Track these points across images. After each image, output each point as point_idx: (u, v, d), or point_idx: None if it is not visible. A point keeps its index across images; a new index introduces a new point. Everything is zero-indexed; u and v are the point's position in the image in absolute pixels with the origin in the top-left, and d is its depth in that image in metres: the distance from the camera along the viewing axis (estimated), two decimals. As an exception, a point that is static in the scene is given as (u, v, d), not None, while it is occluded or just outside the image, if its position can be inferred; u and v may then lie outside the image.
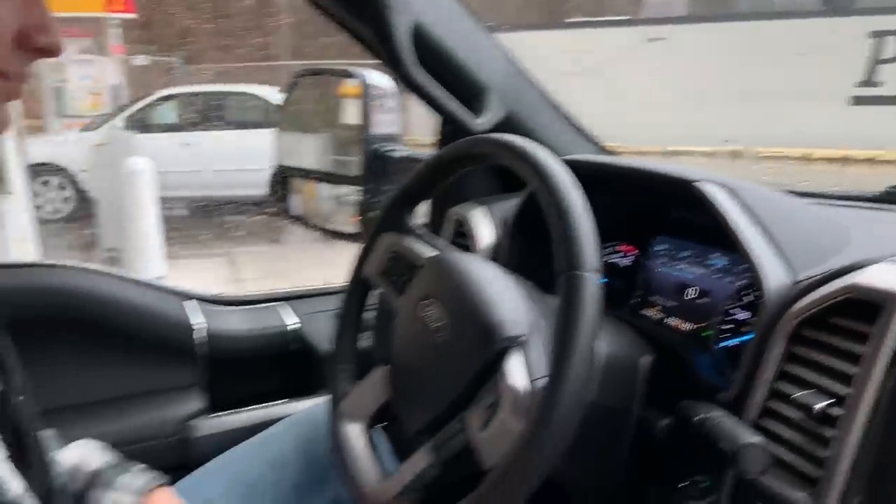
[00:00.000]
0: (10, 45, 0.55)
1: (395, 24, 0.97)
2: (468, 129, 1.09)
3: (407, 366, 0.86)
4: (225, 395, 1.31)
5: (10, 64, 0.56)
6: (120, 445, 1.19)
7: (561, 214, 0.70)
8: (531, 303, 0.80)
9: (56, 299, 1.16)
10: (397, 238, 0.93)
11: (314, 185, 1.55)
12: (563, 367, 0.65)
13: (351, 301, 0.97)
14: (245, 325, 1.35)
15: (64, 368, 1.17)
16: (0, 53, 0.54)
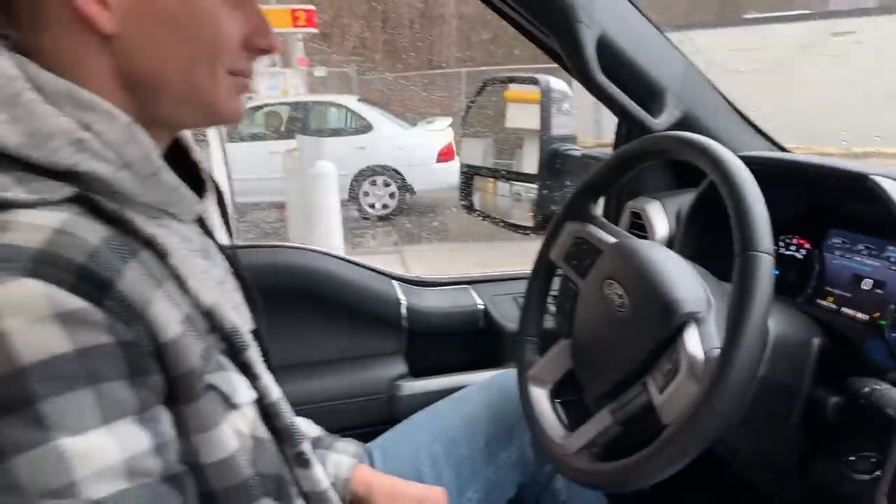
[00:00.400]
0: (239, 48, 0.66)
1: (583, 37, 1.08)
2: (647, 129, 1.18)
3: (589, 339, 0.97)
4: (422, 363, 1.49)
5: (241, 63, 0.67)
6: (340, 399, 1.41)
7: (737, 201, 0.78)
8: (706, 284, 0.89)
9: (293, 275, 1.39)
10: (581, 226, 1.04)
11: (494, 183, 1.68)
12: (738, 336, 0.73)
13: (537, 281, 1.10)
14: (439, 303, 1.52)
15: (296, 333, 1.39)
16: (233, 55, 0.65)
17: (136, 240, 0.58)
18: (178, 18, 0.61)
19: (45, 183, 0.56)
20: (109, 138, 0.59)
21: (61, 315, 0.50)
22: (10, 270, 0.49)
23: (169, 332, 0.57)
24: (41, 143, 0.56)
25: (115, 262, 0.54)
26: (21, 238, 0.51)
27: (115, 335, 0.52)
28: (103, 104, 0.59)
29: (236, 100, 0.68)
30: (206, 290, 0.62)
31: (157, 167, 0.62)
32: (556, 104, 1.48)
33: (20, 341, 0.48)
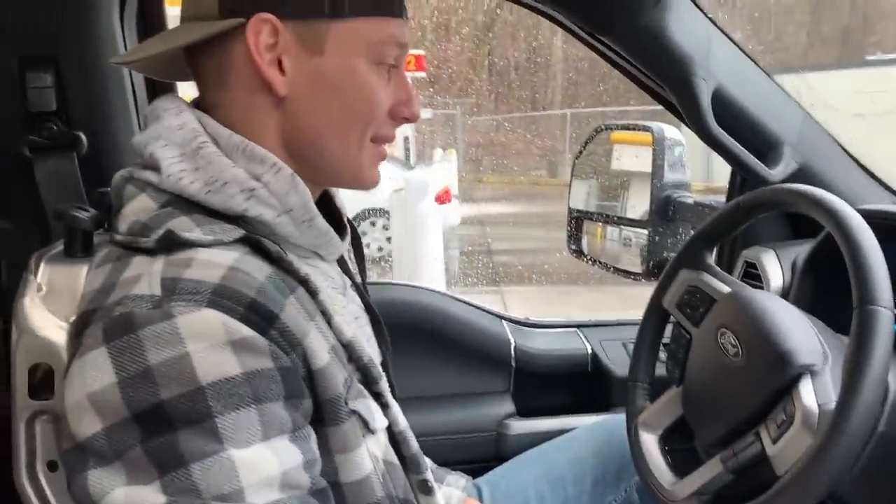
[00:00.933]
0: (386, 116, 0.73)
1: (698, 89, 1.11)
2: (763, 180, 1.19)
3: (702, 386, 0.98)
4: (530, 403, 1.52)
5: (385, 130, 0.74)
6: (449, 433, 1.46)
7: (855, 254, 0.79)
8: (822, 336, 0.89)
9: (411, 312, 1.47)
10: (695, 274, 1.05)
11: (603, 227, 1.71)
12: (854, 391, 0.73)
13: (649, 327, 1.11)
14: (547, 345, 1.56)
15: (411, 367, 1.46)
16: (381, 123, 0.73)
17: (292, 277, 0.65)
18: (340, 87, 0.69)
19: (220, 225, 0.64)
20: (275, 188, 0.67)
21: (234, 342, 0.57)
22: (195, 302, 0.57)
23: (320, 360, 0.64)
24: (218, 191, 0.65)
25: (278, 297, 0.61)
26: (202, 274, 0.58)
27: (276, 361, 0.59)
28: (271, 157, 0.68)
29: (376, 167, 0.76)
30: (346, 325, 0.69)
31: (312, 214, 0.70)
32: (670, 150, 1.50)
33: (200, 363, 0.55)
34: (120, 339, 0.56)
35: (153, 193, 0.67)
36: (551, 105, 19.34)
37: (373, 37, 0.69)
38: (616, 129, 1.67)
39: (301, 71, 0.68)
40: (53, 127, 1.03)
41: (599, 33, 1.16)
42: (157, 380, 0.54)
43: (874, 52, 13.17)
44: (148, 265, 0.60)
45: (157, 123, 0.70)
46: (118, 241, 0.65)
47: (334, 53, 0.68)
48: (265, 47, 0.67)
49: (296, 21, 0.67)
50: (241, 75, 0.68)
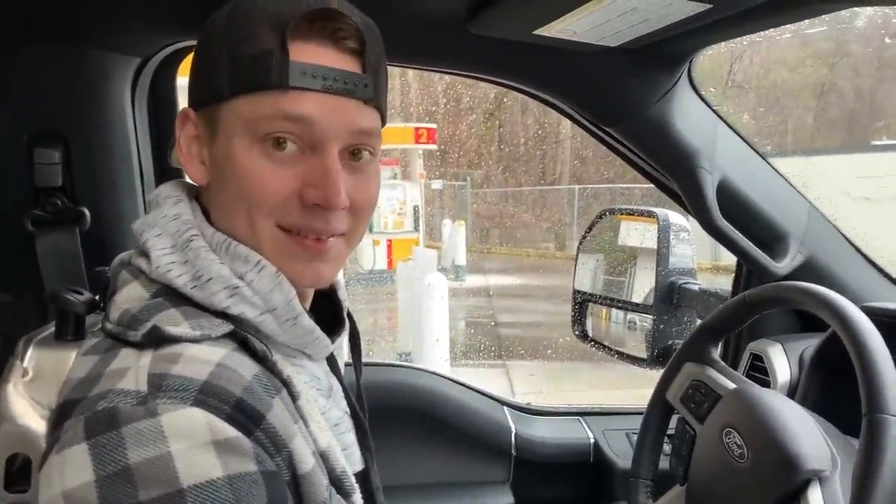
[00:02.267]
0: (291, 202, 0.66)
1: (703, 182, 1.11)
2: (768, 273, 1.18)
3: (706, 488, 0.94)
4: (529, 495, 1.47)
5: (293, 218, 0.66)
6: (440, 528, 1.40)
7: (863, 360, 0.77)
8: (830, 440, 0.86)
9: (411, 395, 1.44)
10: (700, 368, 1.03)
11: (608, 311, 1.69)
12: (865, 502, 0.71)
13: (652, 420, 1.09)
14: (548, 433, 1.52)
15: (408, 453, 1.43)
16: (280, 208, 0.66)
17: (277, 378, 0.63)
18: (225, 170, 0.67)
19: (208, 319, 0.63)
20: (258, 286, 0.66)
21: (218, 442, 0.54)
22: (181, 399, 0.55)
23: (306, 464, 0.61)
24: (202, 286, 0.64)
25: (265, 397, 0.59)
26: (190, 370, 0.57)
27: (261, 465, 0.56)
28: (255, 256, 0.66)
29: (294, 260, 0.68)
30: (321, 434, 0.66)
31: (297, 313, 0.68)
32: (675, 236, 1.50)
33: (182, 465, 0.52)
34: (101, 436, 0.53)
35: (145, 282, 0.66)
36: (559, 180, 19.59)
37: (249, 115, 0.65)
38: (621, 213, 1.67)
39: (209, 158, 0.69)
40: (58, 202, 1.03)
41: (605, 125, 1.18)
42: (136, 480, 0.51)
43: (880, 138, 13.37)
44: (135, 359, 0.58)
45: (156, 211, 0.70)
46: (108, 330, 0.64)
47: (223, 137, 0.67)
48: (190, 139, 0.70)
49: (202, 110, 0.68)
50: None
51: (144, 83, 1.14)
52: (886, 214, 8.03)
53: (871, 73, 15.21)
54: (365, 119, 0.67)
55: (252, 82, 0.64)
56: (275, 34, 0.63)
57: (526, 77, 1.13)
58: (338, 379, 0.80)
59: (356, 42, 0.67)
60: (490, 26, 0.97)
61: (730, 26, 0.95)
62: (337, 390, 0.78)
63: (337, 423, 0.74)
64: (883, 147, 12.03)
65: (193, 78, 0.70)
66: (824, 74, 15.53)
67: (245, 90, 0.64)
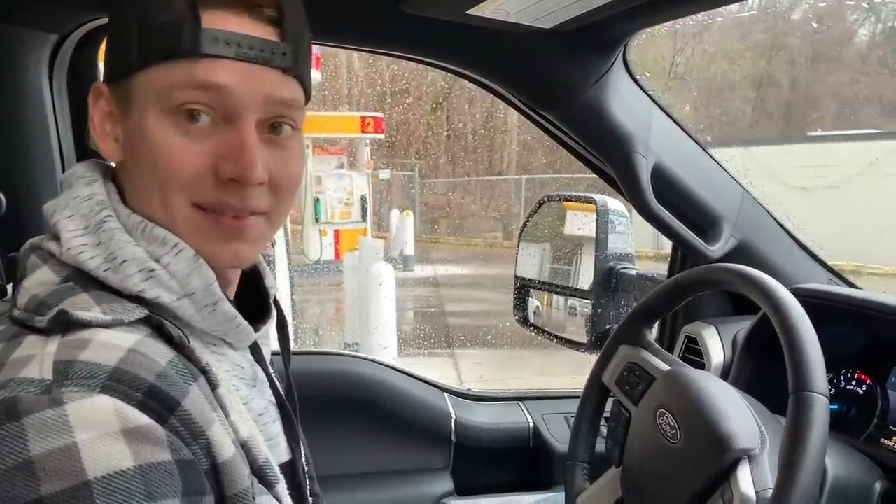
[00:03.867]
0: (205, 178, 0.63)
1: (638, 166, 1.12)
2: (702, 256, 1.19)
3: (640, 469, 0.95)
4: (469, 480, 1.47)
5: (207, 194, 0.63)
6: (380, 515, 1.39)
7: (790, 340, 0.78)
8: (760, 419, 0.87)
9: (348, 383, 1.41)
10: (634, 350, 1.04)
11: (549, 295, 1.70)
12: (791, 478, 0.72)
13: (588, 404, 1.09)
14: (488, 418, 1.51)
15: (346, 442, 1.40)
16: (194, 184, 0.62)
17: (195, 365, 0.61)
18: (136, 145, 0.63)
19: (121, 304, 0.60)
20: (175, 269, 0.63)
21: (128, 431, 0.51)
22: (88, 387, 0.52)
23: (225, 452, 0.59)
24: (116, 269, 0.61)
25: (181, 383, 0.56)
26: (99, 356, 0.54)
27: (175, 454, 0.54)
28: (172, 238, 0.63)
29: (210, 239, 0.65)
30: (242, 423, 0.63)
31: (216, 298, 0.65)
32: (613, 223, 1.51)
33: (88, 456, 0.49)
34: (1, 427, 0.50)
35: (55, 266, 0.62)
36: (507, 169, 19.70)
37: (158, 84, 0.62)
38: (561, 199, 1.67)
39: (123, 134, 0.65)
40: None
41: (542, 109, 1.17)
42: (38, 473, 0.49)
43: (815, 129, 13.80)
44: (41, 346, 0.55)
45: (69, 191, 0.66)
46: (14, 316, 0.60)
47: (135, 110, 0.63)
48: (104, 115, 0.66)
49: (114, 84, 0.65)
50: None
51: (63, 62, 1.08)
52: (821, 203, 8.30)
53: (806, 66, 15.68)
54: (284, 89, 0.64)
55: (163, 51, 0.61)
56: (183, 3, 0.61)
57: (460, 59, 1.11)
58: (263, 368, 0.77)
59: (274, 10, 0.64)
60: (423, 5, 0.95)
61: (663, 8, 0.96)
62: (262, 379, 0.76)
63: (261, 413, 0.71)
64: (818, 138, 12.43)
65: (107, 52, 0.67)
66: (762, 66, 15.94)
67: (155, 59, 0.61)
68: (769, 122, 15.93)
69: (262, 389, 0.75)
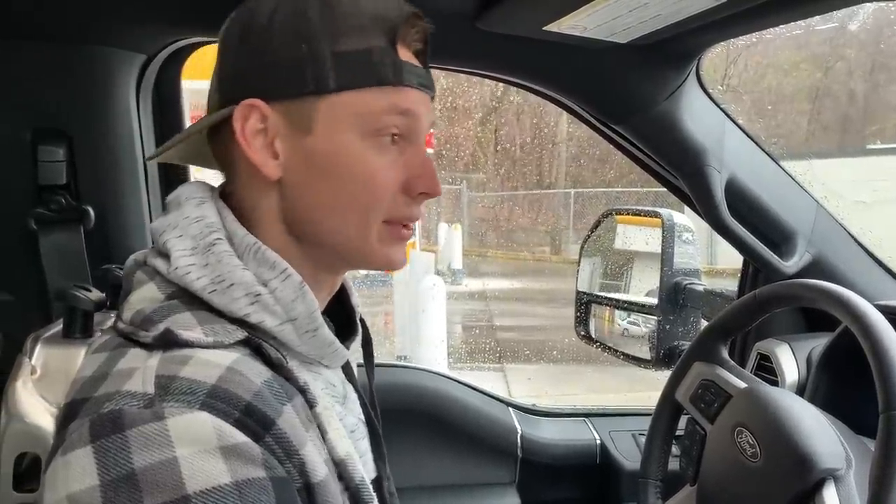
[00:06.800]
0: (398, 194, 0.68)
1: (712, 180, 1.11)
2: (776, 272, 1.17)
3: (717, 488, 0.93)
4: (535, 496, 1.46)
5: (400, 211, 0.69)
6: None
7: (879, 358, 0.76)
8: (844, 439, 0.85)
9: (417, 396, 1.43)
10: (709, 368, 1.02)
11: (611, 310, 1.68)
12: (883, 501, 0.70)
13: (661, 420, 1.08)
14: (555, 434, 1.51)
15: (413, 455, 1.41)
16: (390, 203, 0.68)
17: (291, 384, 0.62)
18: (331, 166, 0.66)
19: (222, 325, 0.62)
20: (281, 295, 0.65)
21: (226, 448, 0.53)
22: (188, 403, 0.54)
23: (318, 473, 0.60)
24: (223, 291, 0.63)
25: (276, 403, 0.58)
26: (199, 373, 0.56)
27: (270, 471, 0.55)
28: (282, 263, 0.66)
29: (392, 248, 0.71)
30: (340, 441, 0.64)
31: (317, 325, 0.67)
32: (679, 236, 1.49)
33: (188, 470, 0.51)
34: (106, 439, 0.52)
35: (161, 283, 0.65)
36: (555, 183, 19.60)
37: (363, 109, 0.66)
38: (625, 213, 1.66)
39: (293, 152, 0.67)
40: (62, 200, 1.02)
41: (613, 123, 1.17)
42: (141, 485, 0.50)
43: (874, 141, 13.41)
44: (143, 359, 0.58)
45: (178, 211, 0.68)
46: (119, 329, 0.63)
47: (323, 131, 0.66)
48: (254, 132, 0.66)
49: (282, 102, 0.66)
50: (242, 162, 0.68)
51: (149, 81, 1.13)
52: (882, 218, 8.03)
53: (865, 77, 15.27)
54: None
55: (367, 77, 0.66)
56: (382, 32, 0.67)
57: (534, 74, 1.12)
58: (353, 386, 0.79)
59: (423, 43, 0.72)
60: (499, 22, 0.96)
61: (740, 22, 0.95)
62: (351, 397, 0.77)
63: (353, 430, 0.73)
64: (878, 151, 12.07)
65: (260, 70, 0.66)
66: (819, 78, 15.57)
67: (358, 85, 0.66)
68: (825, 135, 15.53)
69: (352, 407, 0.76)
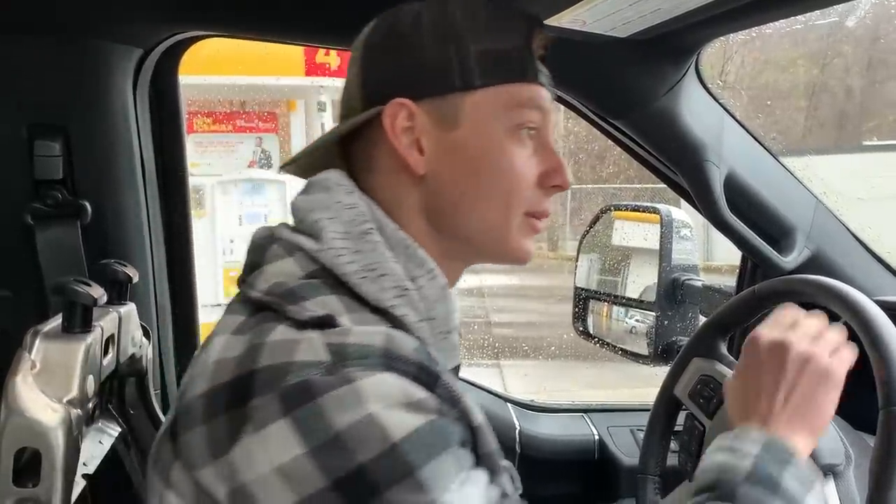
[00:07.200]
0: (534, 188, 0.72)
1: (711, 175, 1.11)
2: (775, 267, 1.17)
3: (716, 482, 0.93)
4: (533, 492, 1.45)
5: (537, 204, 0.72)
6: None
7: (880, 354, 0.77)
8: (843, 434, 0.85)
9: None
10: (708, 363, 1.02)
11: (609, 306, 1.68)
12: (882, 497, 0.70)
13: (660, 416, 1.08)
14: (553, 430, 1.50)
15: None
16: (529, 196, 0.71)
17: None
18: (477, 158, 0.69)
19: (366, 316, 0.64)
20: (427, 293, 0.68)
21: (411, 403, 0.57)
22: (369, 366, 0.57)
23: (477, 418, 0.63)
24: (374, 280, 0.65)
25: (433, 362, 0.61)
26: (365, 340, 0.59)
27: (448, 415, 0.59)
28: (430, 263, 0.69)
29: (527, 240, 0.74)
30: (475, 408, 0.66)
31: (451, 327, 0.70)
32: (677, 232, 1.49)
33: (386, 422, 0.55)
34: (301, 408, 0.55)
35: (302, 260, 0.66)
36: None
37: (506, 103, 0.69)
38: (623, 209, 1.66)
39: (438, 148, 0.69)
40: (58, 195, 1.02)
41: (612, 118, 1.17)
42: (348, 444, 0.54)
43: (871, 138, 13.43)
44: (298, 332, 0.59)
45: (327, 195, 0.69)
46: (254, 297, 0.64)
47: (469, 126, 0.69)
48: (402, 130, 0.68)
49: (429, 100, 0.69)
50: (385, 159, 0.70)
51: (146, 75, 1.12)
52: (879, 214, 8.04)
53: (862, 74, 15.29)
54: None
55: (510, 74, 0.69)
56: (519, 33, 0.71)
57: None
58: None
59: (545, 50, 0.75)
60: (499, 17, 0.96)
61: (740, 17, 0.95)
62: None
63: None
64: (874, 147, 12.08)
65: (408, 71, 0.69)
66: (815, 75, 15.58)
67: (501, 81, 0.69)
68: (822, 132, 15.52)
69: None
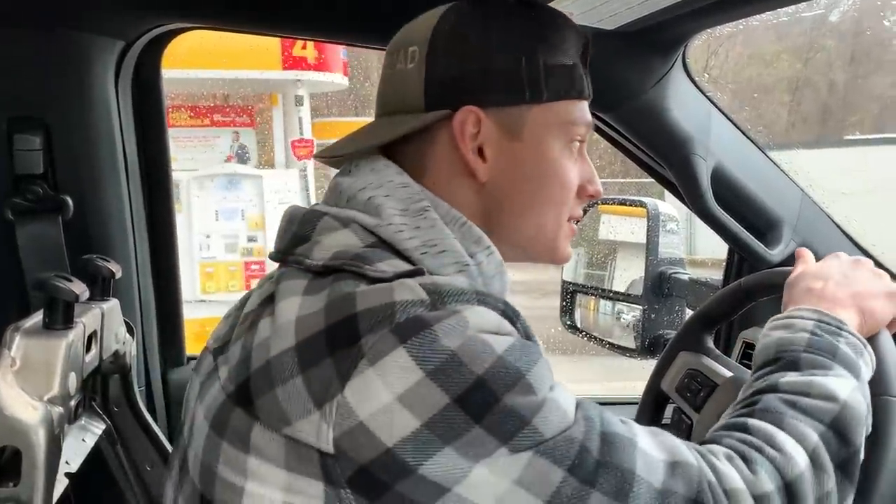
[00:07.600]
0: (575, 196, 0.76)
1: (698, 169, 1.11)
2: (762, 260, 1.17)
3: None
4: None
5: (577, 210, 0.78)
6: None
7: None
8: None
9: None
10: (694, 357, 1.02)
11: (596, 300, 1.68)
12: (871, 484, 0.71)
13: (647, 410, 1.08)
14: None
15: None
16: (573, 203, 0.76)
17: None
18: (536, 169, 0.73)
19: None
20: (485, 269, 0.71)
21: (505, 330, 0.62)
22: (468, 301, 0.61)
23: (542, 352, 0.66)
24: (434, 256, 0.68)
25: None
26: (456, 283, 0.63)
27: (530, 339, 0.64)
28: (486, 240, 0.71)
29: (568, 243, 0.78)
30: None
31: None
32: (664, 226, 1.49)
33: (492, 341, 0.59)
34: (416, 337, 0.58)
35: (360, 232, 0.68)
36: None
37: (566, 118, 0.73)
38: (609, 203, 1.66)
39: (500, 156, 0.72)
40: (39, 190, 1.00)
41: (600, 111, 1.16)
42: (463, 360, 0.57)
43: (853, 133, 13.54)
44: (384, 283, 0.61)
45: (376, 175, 0.71)
46: (316, 264, 0.65)
47: (531, 137, 0.72)
48: (469, 137, 0.70)
49: (496, 109, 0.71)
50: (444, 162, 0.72)
51: (128, 68, 1.11)
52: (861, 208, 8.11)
53: (844, 68, 15.41)
54: None
55: (571, 90, 0.73)
56: (576, 50, 0.74)
57: None
58: None
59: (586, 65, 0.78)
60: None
61: (727, 9, 0.95)
62: None
63: None
64: (856, 141, 12.17)
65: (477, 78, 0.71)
66: (799, 69, 15.68)
67: (566, 97, 0.73)
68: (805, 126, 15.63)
69: None
